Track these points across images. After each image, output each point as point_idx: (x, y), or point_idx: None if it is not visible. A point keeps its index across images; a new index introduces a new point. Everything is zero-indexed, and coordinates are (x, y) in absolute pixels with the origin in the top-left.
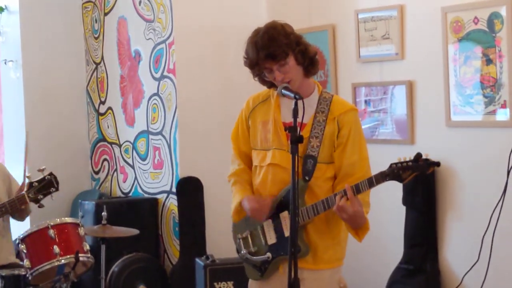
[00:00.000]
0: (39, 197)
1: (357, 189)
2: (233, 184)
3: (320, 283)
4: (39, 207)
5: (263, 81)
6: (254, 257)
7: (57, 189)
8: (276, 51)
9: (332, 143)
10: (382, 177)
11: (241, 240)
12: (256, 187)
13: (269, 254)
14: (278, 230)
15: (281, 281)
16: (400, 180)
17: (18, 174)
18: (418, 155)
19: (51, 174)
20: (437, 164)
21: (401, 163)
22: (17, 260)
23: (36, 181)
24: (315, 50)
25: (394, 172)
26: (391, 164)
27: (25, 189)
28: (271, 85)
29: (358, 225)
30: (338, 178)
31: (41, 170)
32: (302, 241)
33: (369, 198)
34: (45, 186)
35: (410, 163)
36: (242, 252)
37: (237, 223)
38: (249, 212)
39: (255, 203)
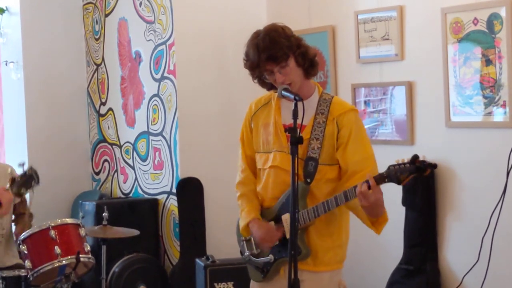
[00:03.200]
0: (22, 191)
1: (356, 192)
2: (240, 197)
3: (320, 285)
4: (21, 201)
5: (262, 83)
6: (257, 259)
7: (38, 183)
8: (278, 53)
9: (333, 144)
10: (381, 179)
11: (244, 242)
12: (259, 190)
13: (271, 256)
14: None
15: (281, 283)
16: (398, 182)
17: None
18: (415, 157)
19: (31, 168)
20: (434, 166)
21: (399, 165)
22: (21, 261)
23: (19, 177)
24: (315, 52)
25: (392, 174)
26: (389, 166)
27: (8, 184)
28: (270, 87)
29: (377, 214)
30: (346, 176)
31: (22, 165)
32: (303, 243)
33: None
34: (27, 180)
35: (407, 165)
36: (246, 253)
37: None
38: (256, 239)
39: (265, 233)
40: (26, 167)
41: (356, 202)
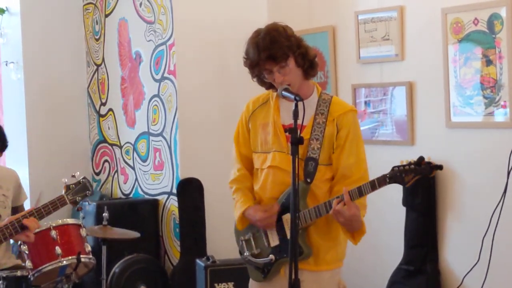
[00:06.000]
0: (77, 199)
1: (359, 192)
2: (235, 192)
3: (320, 285)
4: (77, 210)
5: (262, 82)
6: (257, 259)
7: (92, 193)
8: (277, 52)
9: (332, 145)
10: (385, 180)
11: (244, 242)
12: (257, 190)
13: (272, 256)
14: (281, 232)
15: (281, 283)
16: (402, 184)
17: (19, 176)
18: (421, 159)
19: (84, 178)
20: (440, 167)
21: (404, 166)
22: (19, 261)
23: (73, 184)
24: (314, 53)
25: (397, 175)
26: (394, 167)
27: (63, 191)
28: (269, 86)
29: (354, 229)
30: (335, 179)
31: (74, 176)
32: (304, 243)
33: (366, 201)
34: (81, 188)
35: (412, 166)
36: (245, 254)
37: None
38: (257, 222)
39: (262, 213)
40: (79, 177)
41: None
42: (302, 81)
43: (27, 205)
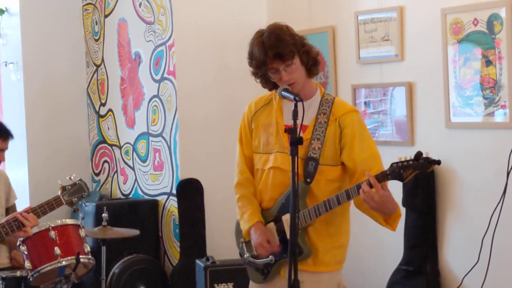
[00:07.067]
0: (73, 200)
1: (358, 190)
2: (240, 199)
3: (319, 286)
4: (74, 211)
5: (266, 83)
6: (257, 260)
7: (88, 194)
8: (285, 50)
9: (334, 145)
10: (384, 176)
11: (243, 244)
12: (258, 190)
13: (272, 257)
14: (281, 233)
15: (281, 284)
16: (401, 179)
17: (19, 176)
18: (419, 154)
19: (81, 179)
20: (438, 162)
21: (402, 162)
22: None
23: (69, 185)
24: (317, 51)
25: (395, 172)
26: (392, 164)
27: (59, 192)
28: (273, 87)
29: (390, 211)
30: (356, 176)
31: (70, 178)
32: (305, 243)
33: None
34: (77, 190)
35: (410, 162)
36: (245, 255)
37: (239, 227)
38: (254, 244)
39: (263, 242)
40: (75, 178)
41: (363, 202)
42: (305, 80)
43: (26, 204)
